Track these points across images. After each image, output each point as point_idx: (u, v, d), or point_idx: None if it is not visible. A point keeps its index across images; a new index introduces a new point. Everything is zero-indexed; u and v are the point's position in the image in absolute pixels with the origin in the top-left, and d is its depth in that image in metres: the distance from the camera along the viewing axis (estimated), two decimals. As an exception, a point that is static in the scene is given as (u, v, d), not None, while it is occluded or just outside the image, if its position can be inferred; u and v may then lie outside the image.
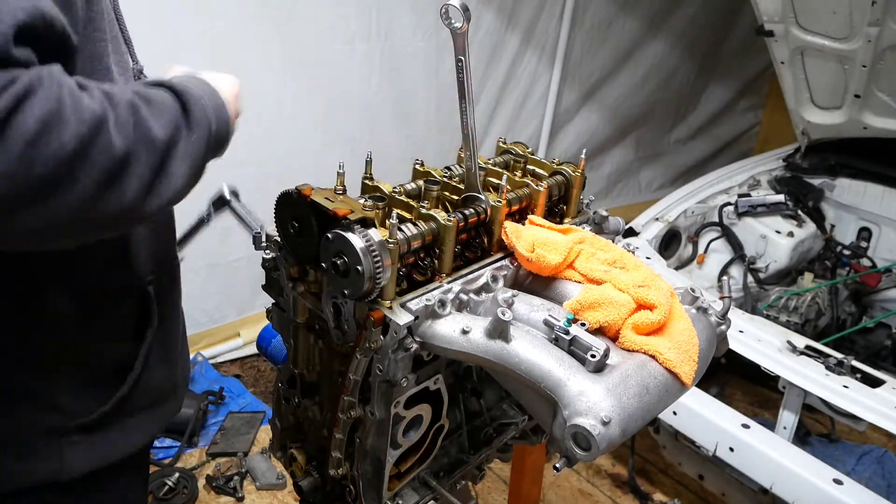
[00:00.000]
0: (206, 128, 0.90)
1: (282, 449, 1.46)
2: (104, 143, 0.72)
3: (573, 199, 1.43)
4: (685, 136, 5.38)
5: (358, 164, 1.31)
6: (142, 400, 1.14)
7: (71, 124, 0.69)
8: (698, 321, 1.18)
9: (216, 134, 0.95)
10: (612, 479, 2.88)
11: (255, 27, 2.92)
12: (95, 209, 0.74)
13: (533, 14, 3.94)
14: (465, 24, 1.08)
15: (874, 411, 1.98)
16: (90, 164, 0.71)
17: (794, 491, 1.95)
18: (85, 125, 0.70)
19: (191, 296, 3.28)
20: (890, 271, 3.38)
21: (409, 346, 1.08)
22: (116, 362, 1.10)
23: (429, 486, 1.35)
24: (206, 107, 0.91)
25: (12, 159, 0.65)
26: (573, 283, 1.20)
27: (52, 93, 0.68)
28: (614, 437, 0.94)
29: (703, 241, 3.27)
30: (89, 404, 1.07)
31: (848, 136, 3.55)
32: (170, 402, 1.24)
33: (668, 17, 4.64)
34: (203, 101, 0.91)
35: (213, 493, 2.61)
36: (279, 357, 1.43)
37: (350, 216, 1.05)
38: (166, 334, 1.20)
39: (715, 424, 2.13)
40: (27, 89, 0.66)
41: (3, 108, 0.64)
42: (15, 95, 0.65)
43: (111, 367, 1.09)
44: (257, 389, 3.23)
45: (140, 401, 1.14)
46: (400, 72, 3.49)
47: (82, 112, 0.70)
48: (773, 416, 2.31)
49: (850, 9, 2.92)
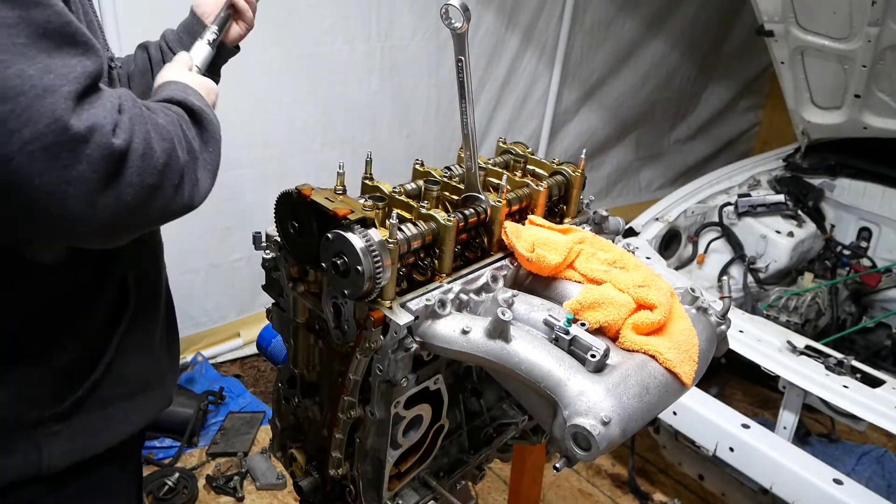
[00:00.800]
0: (217, 141, 1.04)
1: (282, 449, 1.46)
2: (175, 157, 0.89)
3: (573, 199, 1.43)
4: (685, 136, 5.38)
5: (358, 164, 1.31)
6: (119, 388, 1.13)
7: (159, 142, 0.86)
8: (698, 321, 1.18)
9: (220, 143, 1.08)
10: (612, 479, 2.88)
11: (255, 27, 2.92)
12: (168, 208, 0.90)
13: (533, 14, 3.94)
14: (465, 24, 1.08)
15: (874, 411, 1.99)
16: (170, 173, 0.88)
17: (794, 491, 1.95)
18: (166, 142, 0.88)
19: (191, 296, 3.32)
20: (890, 271, 3.38)
21: (409, 346, 1.08)
22: (91, 349, 1.09)
23: (429, 486, 1.35)
24: (213, 122, 1.04)
25: (135, 174, 0.83)
26: (573, 283, 1.20)
27: (137, 113, 0.85)
28: (614, 437, 0.94)
29: (703, 241, 3.27)
30: (62, 392, 1.06)
31: (848, 136, 3.55)
32: (155, 393, 1.22)
33: (668, 17, 4.64)
34: (211, 118, 1.04)
35: (213, 493, 2.61)
36: (279, 357, 1.43)
37: (350, 216, 1.05)
38: (147, 321, 1.18)
39: (715, 424, 2.13)
40: (119, 110, 0.83)
41: (124, 134, 0.81)
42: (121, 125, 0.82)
43: (86, 355, 1.08)
44: (257, 389, 3.23)
45: (117, 388, 1.12)
46: (400, 72, 3.49)
47: (162, 131, 0.88)
48: (773, 416, 2.31)
49: (850, 9, 2.92)
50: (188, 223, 3.23)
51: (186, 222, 1.05)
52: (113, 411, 1.12)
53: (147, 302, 1.18)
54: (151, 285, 1.21)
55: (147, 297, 1.18)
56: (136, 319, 1.14)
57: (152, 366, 1.21)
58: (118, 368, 1.11)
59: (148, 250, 1.21)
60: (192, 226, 3.07)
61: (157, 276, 1.24)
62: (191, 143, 0.95)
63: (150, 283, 1.20)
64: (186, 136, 0.94)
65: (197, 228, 3.10)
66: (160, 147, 0.86)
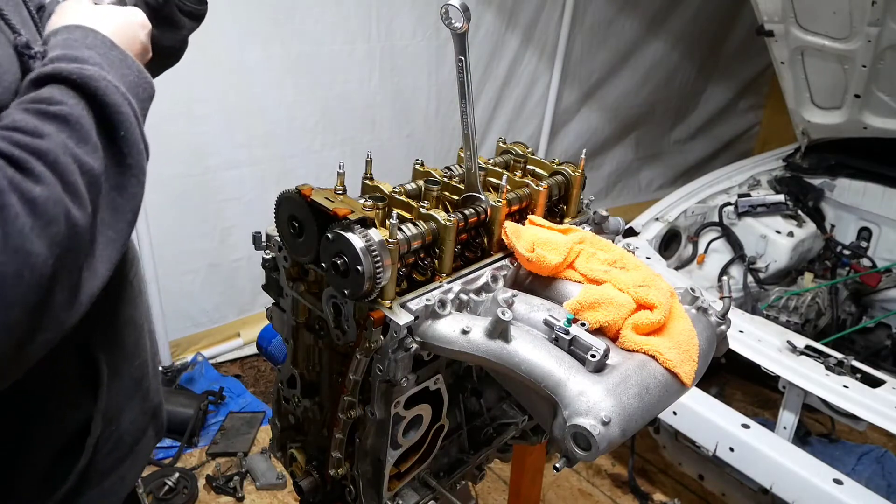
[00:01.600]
0: (140, 155, 0.74)
1: (282, 449, 1.46)
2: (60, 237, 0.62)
3: (573, 199, 1.43)
4: (685, 136, 5.38)
5: (358, 164, 1.31)
6: (115, 453, 1.01)
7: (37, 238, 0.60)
8: (698, 321, 1.18)
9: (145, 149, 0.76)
10: (612, 479, 2.88)
11: (255, 27, 2.92)
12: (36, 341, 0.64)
13: (533, 14, 3.94)
14: (465, 24, 1.08)
15: (874, 411, 1.98)
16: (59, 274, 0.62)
17: (794, 491, 1.95)
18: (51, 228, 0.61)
19: (191, 296, 3.32)
20: (890, 271, 3.37)
21: (409, 346, 1.08)
22: (69, 431, 0.93)
23: (429, 486, 1.35)
24: (132, 125, 0.73)
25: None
26: (573, 283, 1.20)
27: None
28: (614, 437, 0.94)
29: (703, 241, 3.27)
30: (45, 488, 0.91)
31: (848, 136, 3.55)
32: (148, 434, 1.10)
33: (668, 17, 4.64)
34: (129, 117, 0.72)
35: (213, 493, 2.61)
36: (279, 357, 1.43)
37: (350, 216, 1.05)
38: (130, 379, 1.03)
39: (715, 424, 2.13)
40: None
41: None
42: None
43: (64, 440, 0.93)
44: (257, 389, 3.23)
45: (112, 456, 1.00)
46: (400, 72, 3.49)
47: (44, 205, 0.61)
48: (773, 416, 2.31)
49: (850, 9, 2.92)
50: (188, 223, 3.23)
51: (186, 222, 1.04)
52: (108, 483, 1.01)
53: (124, 360, 1.01)
54: (125, 340, 1.01)
55: (120, 357, 1.00)
56: (114, 385, 0.97)
57: (147, 411, 1.09)
58: (107, 438, 0.98)
59: (111, 297, 0.97)
60: (192, 226, 3.08)
61: (130, 322, 1.04)
62: (83, 196, 0.63)
63: (122, 339, 1.01)
64: (79, 175, 0.63)
65: (197, 228, 3.11)
66: (40, 243, 0.58)
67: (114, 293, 0.97)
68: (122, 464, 1.03)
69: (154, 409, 1.12)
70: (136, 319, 1.04)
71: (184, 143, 2.91)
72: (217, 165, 3.05)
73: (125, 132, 0.71)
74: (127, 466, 1.05)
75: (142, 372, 1.06)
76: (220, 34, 2.81)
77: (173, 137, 2.87)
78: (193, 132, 2.92)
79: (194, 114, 2.89)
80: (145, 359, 1.07)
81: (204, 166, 3.01)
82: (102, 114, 0.69)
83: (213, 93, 2.89)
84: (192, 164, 2.98)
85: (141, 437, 1.08)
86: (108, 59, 0.75)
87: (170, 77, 1.29)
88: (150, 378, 1.10)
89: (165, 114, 2.76)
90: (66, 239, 0.62)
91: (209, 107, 2.91)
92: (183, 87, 2.77)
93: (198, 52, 2.75)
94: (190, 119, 2.88)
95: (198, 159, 2.99)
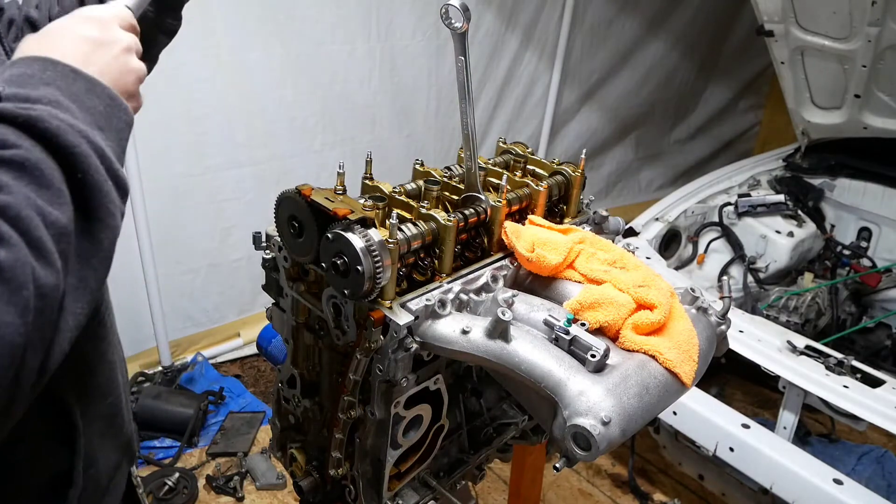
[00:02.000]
0: (113, 216, 0.67)
1: (282, 449, 1.46)
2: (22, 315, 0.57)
3: (573, 199, 1.43)
4: (685, 136, 5.38)
5: (358, 164, 1.31)
6: (93, 489, 0.97)
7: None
8: (698, 321, 1.18)
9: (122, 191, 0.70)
10: (612, 479, 2.88)
11: (255, 27, 2.93)
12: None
13: (533, 14, 3.94)
14: (465, 24, 1.08)
15: (874, 411, 1.99)
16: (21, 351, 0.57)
17: (794, 491, 1.95)
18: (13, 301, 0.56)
19: (191, 296, 3.33)
20: (890, 271, 3.37)
21: (409, 346, 1.08)
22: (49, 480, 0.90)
23: (429, 486, 1.35)
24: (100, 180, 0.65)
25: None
26: (573, 283, 1.20)
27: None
28: (614, 437, 0.94)
29: (703, 241, 3.27)
30: None
31: (848, 136, 3.55)
32: (124, 464, 1.08)
33: (668, 18, 4.64)
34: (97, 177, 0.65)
35: (213, 493, 2.61)
36: (279, 357, 1.43)
37: (350, 216, 1.05)
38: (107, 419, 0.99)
39: (715, 424, 2.13)
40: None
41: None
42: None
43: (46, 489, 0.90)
44: (257, 389, 3.23)
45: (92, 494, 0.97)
46: (400, 72, 3.50)
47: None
48: (773, 416, 2.31)
49: (850, 9, 2.92)
50: (188, 223, 3.23)
51: (186, 222, 1.03)
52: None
53: (99, 401, 0.97)
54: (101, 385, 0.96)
55: (99, 395, 0.96)
56: (89, 430, 0.93)
57: (121, 447, 1.05)
58: (87, 482, 0.94)
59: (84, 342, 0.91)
60: (191, 226, 3.08)
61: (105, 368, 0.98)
62: (51, 252, 0.58)
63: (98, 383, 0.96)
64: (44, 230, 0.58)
65: (197, 228, 3.11)
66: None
67: (83, 336, 0.94)
68: (101, 502, 1.02)
69: (127, 441, 1.09)
70: (108, 356, 0.99)
71: (184, 143, 2.92)
72: (217, 165, 3.05)
73: (83, 174, 0.64)
74: (105, 503, 1.03)
75: (114, 409, 1.02)
76: (220, 34, 2.81)
77: (173, 137, 2.87)
78: (193, 132, 2.92)
79: (194, 114, 2.89)
80: (118, 394, 1.02)
81: (204, 166, 3.01)
82: (57, 157, 0.63)
83: (213, 93, 2.89)
84: (192, 164, 2.98)
85: (115, 474, 1.05)
86: (70, 93, 0.68)
87: (170, 77, 1.29)
88: (124, 411, 1.05)
89: (165, 114, 2.76)
90: (37, 301, 0.57)
91: (209, 107, 2.91)
92: (183, 87, 2.78)
93: (198, 52, 2.77)
94: (190, 119, 2.89)
95: (198, 159, 2.99)
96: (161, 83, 2.50)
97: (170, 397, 2.88)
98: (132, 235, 2.87)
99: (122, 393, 1.04)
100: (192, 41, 2.72)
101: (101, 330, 0.96)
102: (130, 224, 2.84)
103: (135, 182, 2.79)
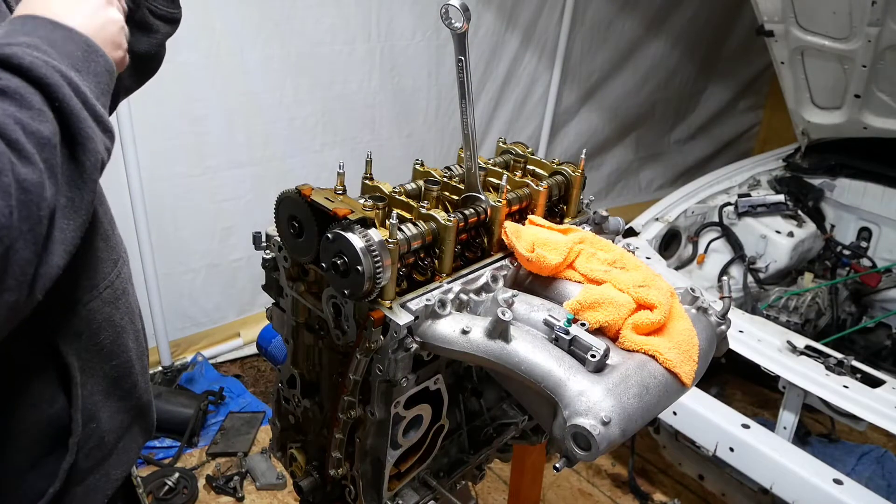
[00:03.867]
0: (95, 154, 0.72)
1: (282, 449, 1.46)
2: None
3: (573, 199, 1.43)
4: (685, 136, 5.38)
5: (358, 164, 1.31)
6: (96, 453, 1.01)
7: None
8: (698, 321, 1.18)
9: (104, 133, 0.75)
10: (612, 479, 2.88)
11: (255, 27, 2.93)
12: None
13: (533, 14, 3.94)
14: (465, 24, 1.08)
15: (874, 411, 1.99)
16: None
17: (794, 491, 1.95)
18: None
19: (191, 296, 3.32)
20: (890, 271, 3.37)
21: (409, 346, 1.08)
22: (47, 427, 0.94)
23: (429, 486, 1.35)
24: (84, 117, 0.71)
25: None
26: (573, 283, 1.20)
27: None
28: (614, 437, 0.94)
29: (703, 241, 3.27)
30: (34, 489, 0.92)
31: (848, 136, 3.55)
32: (135, 430, 1.11)
33: (668, 17, 4.64)
34: (79, 113, 0.71)
35: (213, 493, 2.61)
36: (279, 357, 1.43)
37: (350, 216, 1.05)
38: (110, 376, 1.02)
39: (715, 424, 2.13)
40: None
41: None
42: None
43: (45, 438, 0.93)
44: (257, 389, 3.23)
45: (86, 462, 1.00)
46: (400, 72, 3.50)
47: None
48: (773, 416, 2.31)
49: (850, 9, 2.92)
50: (188, 223, 3.23)
51: (186, 222, 1.03)
52: (92, 480, 1.01)
53: (100, 360, 1.00)
54: (100, 333, 0.99)
55: (94, 353, 0.98)
56: (88, 383, 0.97)
57: (128, 409, 1.08)
58: (89, 436, 0.98)
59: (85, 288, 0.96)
60: (191, 226, 3.08)
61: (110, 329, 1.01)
62: (29, 152, 0.64)
63: (97, 332, 0.98)
64: (21, 134, 0.64)
65: (197, 229, 3.11)
66: None
67: (86, 292, 0.97)
68: (107, 461, 1.04)
69: (139, 407, 1.11)
70: (116, 320, 1.02)
71: (184, 143, 2.91)
72: (217, 166, 3.05)
73: (59, 102, 0.69)
74: (112, 464, 1.05)
75: (121, 372, 1.04)
76: (220, 34, 2.81)
77: (173, 137, 2.87)
78: (193, 132, 2.92)
79: (194, 114, 2.89)
80: (127, 359, 1.05)
81: (204, 166, 3.01)
82: (34, 86, 0.68)
83: (213, 93, 2.89)
84: (192, 165, 2.98)
85: (124, 434, 1.08)
86: (49, 40, 0.74)
87: (170, 77, 1.29)
88: (137, 376, 1.08)
89: (166, 114, 2.77)
90: (20, 193, 0.62)
91: (209, 107, 2.91)
92: (183, 87, 2.78)
93: (198, 53, 2.77)
94: (190, 119, 2.89)
95: (198, 159, 2.99)
96: (161, 83, 2.50)
97: (170, 397, 2.88)
98: (132, 235, 2.87)
99: (133, 360, 1.07)
100: (192, 41, 2.72)
101: (108, 292, 1.00)
102: (131, 224, 2.85)
103: (135, 182, 2.79)
